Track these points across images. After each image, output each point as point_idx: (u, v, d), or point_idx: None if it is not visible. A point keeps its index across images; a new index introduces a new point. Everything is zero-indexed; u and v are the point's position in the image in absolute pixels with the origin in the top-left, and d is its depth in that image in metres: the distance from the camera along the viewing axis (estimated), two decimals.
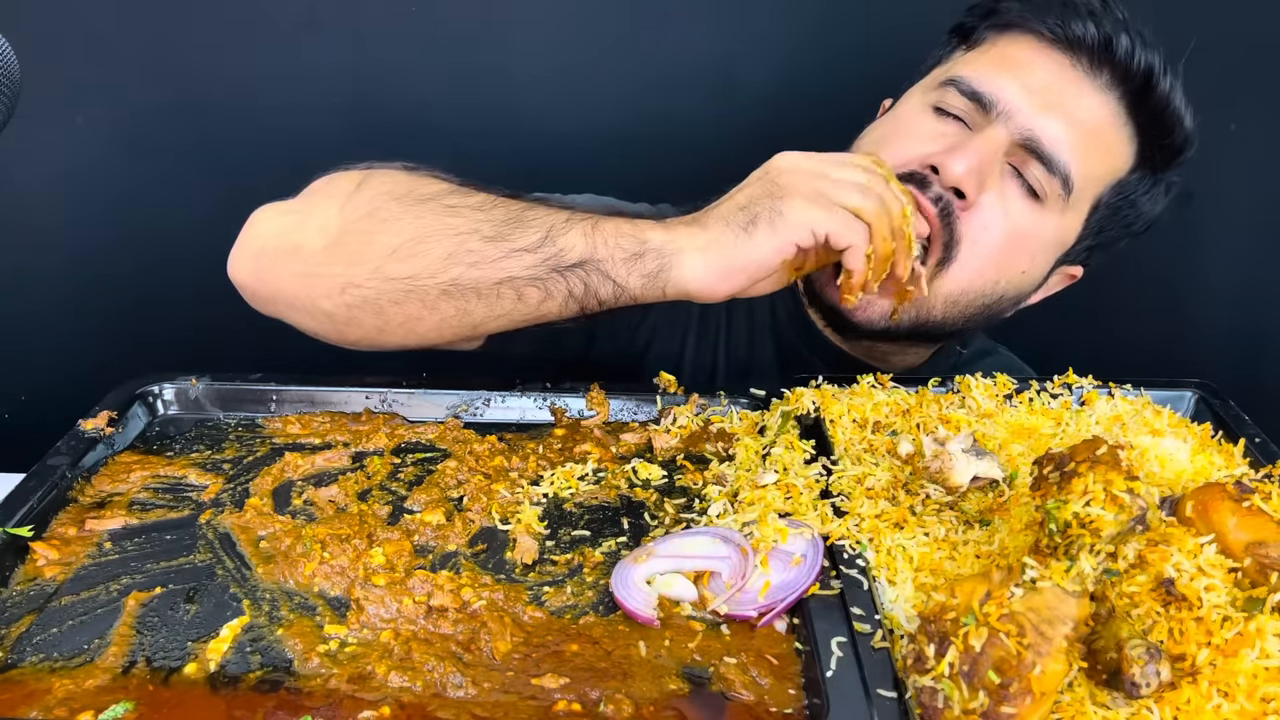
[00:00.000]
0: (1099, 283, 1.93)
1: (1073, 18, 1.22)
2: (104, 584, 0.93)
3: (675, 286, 1.07)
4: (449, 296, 1.09)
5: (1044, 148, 1.21)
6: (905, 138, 1.27)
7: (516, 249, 1.07)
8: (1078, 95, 1.23)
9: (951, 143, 1.23)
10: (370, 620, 0.88)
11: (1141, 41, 1.22)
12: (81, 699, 0.79)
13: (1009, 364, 1.59)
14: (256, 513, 1.02)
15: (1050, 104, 1.22)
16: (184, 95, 1.81)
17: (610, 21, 1.80)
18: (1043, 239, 1.29)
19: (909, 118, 1.30)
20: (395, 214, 1.11)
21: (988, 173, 1.22)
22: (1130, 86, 1.23)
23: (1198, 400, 1.23)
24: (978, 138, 1.22)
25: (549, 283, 1.07)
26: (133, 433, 1.18)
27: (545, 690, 0.81)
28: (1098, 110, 1.24)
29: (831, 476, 1.05)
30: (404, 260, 1.08)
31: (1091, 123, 1.24)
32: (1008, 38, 1.27)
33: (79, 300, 1.93)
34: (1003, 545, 0.93)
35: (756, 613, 0.89)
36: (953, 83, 1.25)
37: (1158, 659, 0.73)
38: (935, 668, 0.74)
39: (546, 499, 1.09)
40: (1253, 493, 0.83)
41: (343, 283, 1.11)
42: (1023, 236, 1.26)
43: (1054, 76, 1.23)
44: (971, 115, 1.24)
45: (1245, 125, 1.79)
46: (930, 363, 1.49)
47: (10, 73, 0.99)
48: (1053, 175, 1.22)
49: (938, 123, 1.27)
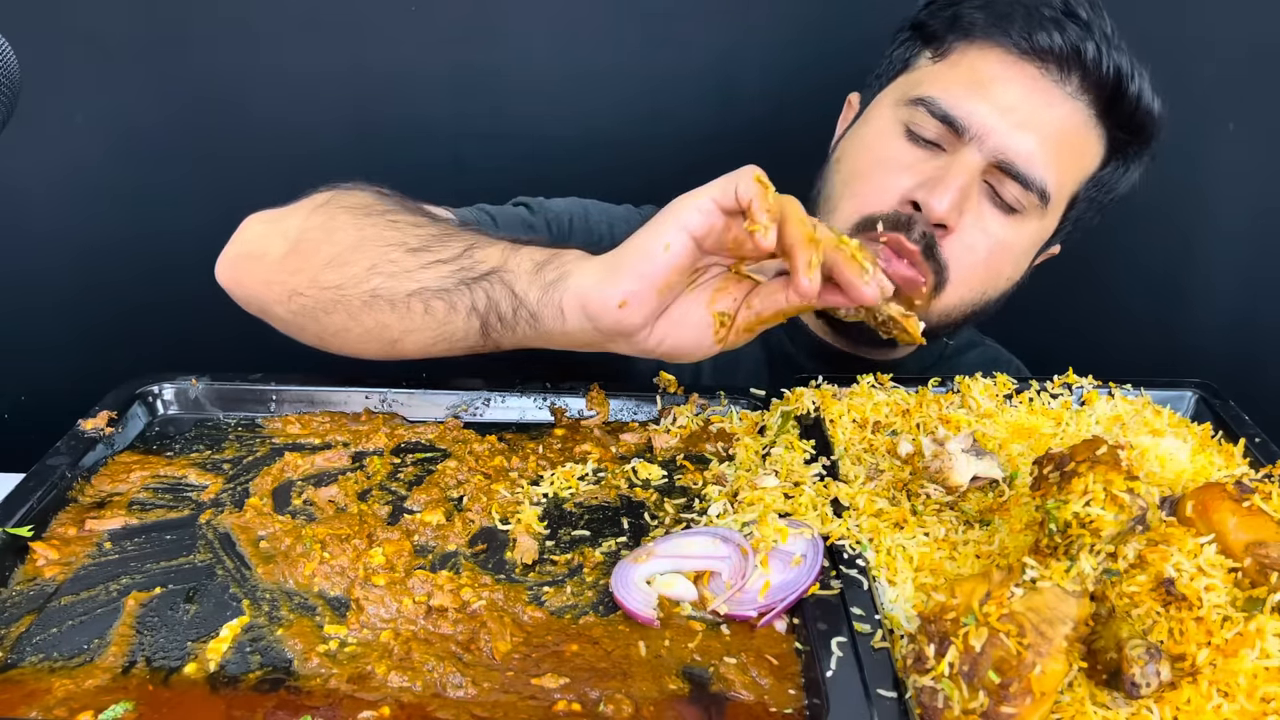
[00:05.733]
0: (1099, 283, 1.94)
1: (1038, 29, 1.21)
2: (104, 584, 0.93)
3: (571, 294, 0.99)
4: (369, 308, 1.07)
5: (1018, 168, 1.22)
6: (883, 172, 1.27)
7: (434, 260, 1.06)
8: (1048, 106, 1.23)
9: (929, 174, 1.23)
10: (370, 620, 0.88)
11: (1108, 44, 1.22)
12: (81, 699, 0.79)
13: (996, 356, 1.60)
14: (256, 513, 1.02)
15: (1022, 122, 1.22)
16: (184, 95, 1.81)
17: (608, 24, 1.80)
18: (1024, 246, 1.31)
19: (882, 143, 1.29)
20: (341, 225, 1.12)
21: (968, 198, 1.23)
22: (1100, 93, 1.24)
23: (1198, 400, 1.23)
24: (955, 166, 1.22)
25: (454, 295, 1.04)
26: (133, 433, 1.18)
27: (545, 690, 0.81)
28: (1069, 118, 1.24)
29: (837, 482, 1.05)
30: (336, 269, 1.09)
31: (1063, 132, 1.24)
32: (976, 50, 1.26)
33: (79, 300, 1.93)
34: (1003, 545, 0.94)
35: (756, 613, 0.89)
36: (923, 103, 1.25)
37: (1158, 659, 0.73)
38: (935, 668, 0.74)
39: (546, 499, 1.09)
40: (1253, 493, 0.83)
41: (290, 290, 1.13)
42: (1004, 249, 1.28)
43: (1025, 91, 1.22)
44: (944, 137, 1.25)
45: (1245, 125, 1.79)
46: (917, 355, 1.50)
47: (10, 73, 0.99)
48: (1029, 191, 1.23)
49: (911, 149, 1.26)
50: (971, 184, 1.23)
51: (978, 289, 1.30)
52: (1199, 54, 1.76)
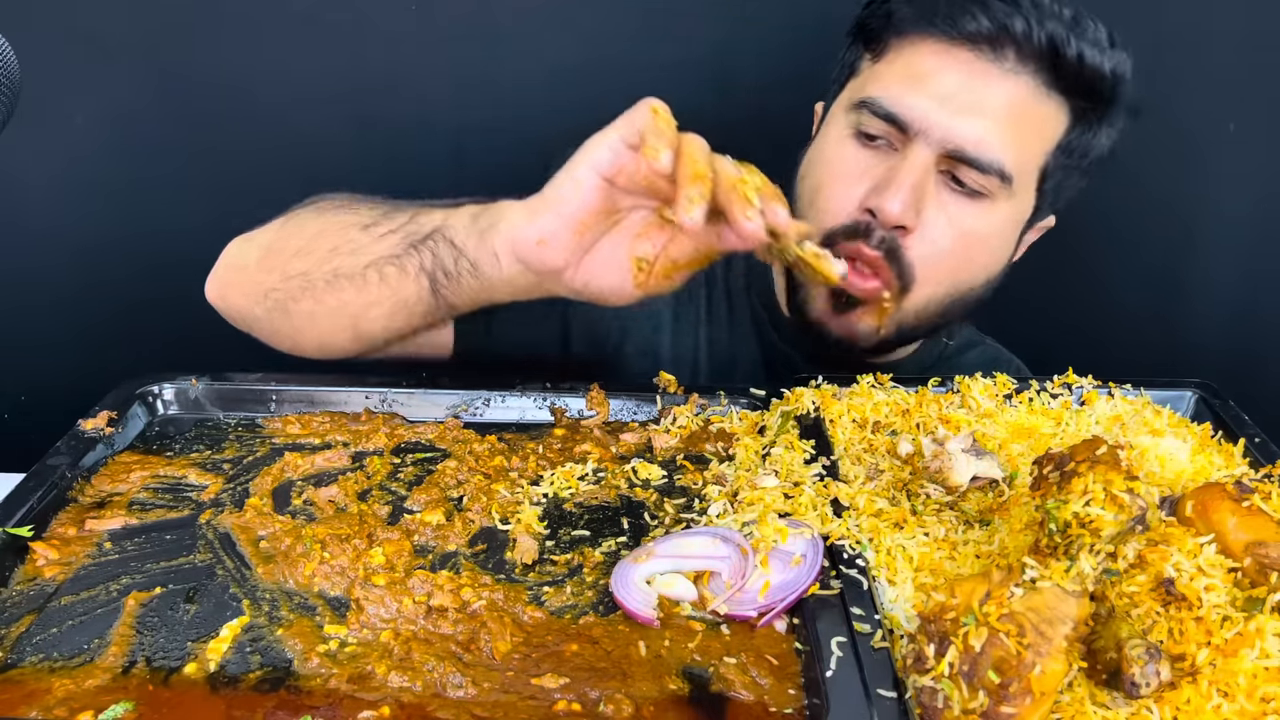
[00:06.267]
0: (1099, 283, 1.94)
1: (961, 14, 1.20)
2: (104, 584, 0.93)
3: (502, 238, 1.03)
4: (331, 288, 1.13)
5: (969, 153, 1.21)
6: (837, 181, 1.27)
7: (385, 231, 1.12)
8: (988, 87, 1.21)
9: (880, 177, 1.23)
10: (370, 620, 0.88)
11: (1039, 13, 1.19)
12: (81, 699, 0.79)
13: (997, 355, 1.59)
14: (256, 513, 1.02)
15: (964, 107, 1.21)
16: (184, 94, 1.81)
17: (608, 17, 1.80)
18: (995, 229, 1.29)
19: (835, 152, 1.29)
20: (307, 221, 1.19)
21: (923, 194, 1.22)
22: (1039, 64, 1.21)
23: (1198, 400, 1.23)
24: (904, 166, 1.21)
25: (404, 259, 1.09)
26: (133, 433, 1.18)
27: (545, 690, 0.81)
28: (1013, 94, 1.22)
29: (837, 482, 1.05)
30: (302, 257, 1.15)
31: (1011, 109, 1.22)
32: (909, 45, 1.25)
33: (79, 300, 1.93)
34: (1003, 545, 0.94)
35: (756, 613, 0.89)
36: (866, 104, 1.25)
37: (1158, 659, 0.73)
38: (935, 668, 0.74)
39: (546, 499, 1.09)
40: (1253, 493, 0.83)
41: (265, 289, 1.19)
42: (973, 237, 1.26)
43: (962, 76, 1.21)
44: (893, 136, 1.24)
45: (1245, 125, 1.79)
46: (916, 356, 1.49)
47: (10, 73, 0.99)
48: (987, 174, 1.22)
49: (862, 153, 1.26)
50: (925, 179, 1.22)
51: (948, 282, 1.28)
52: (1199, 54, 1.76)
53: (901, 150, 1.23)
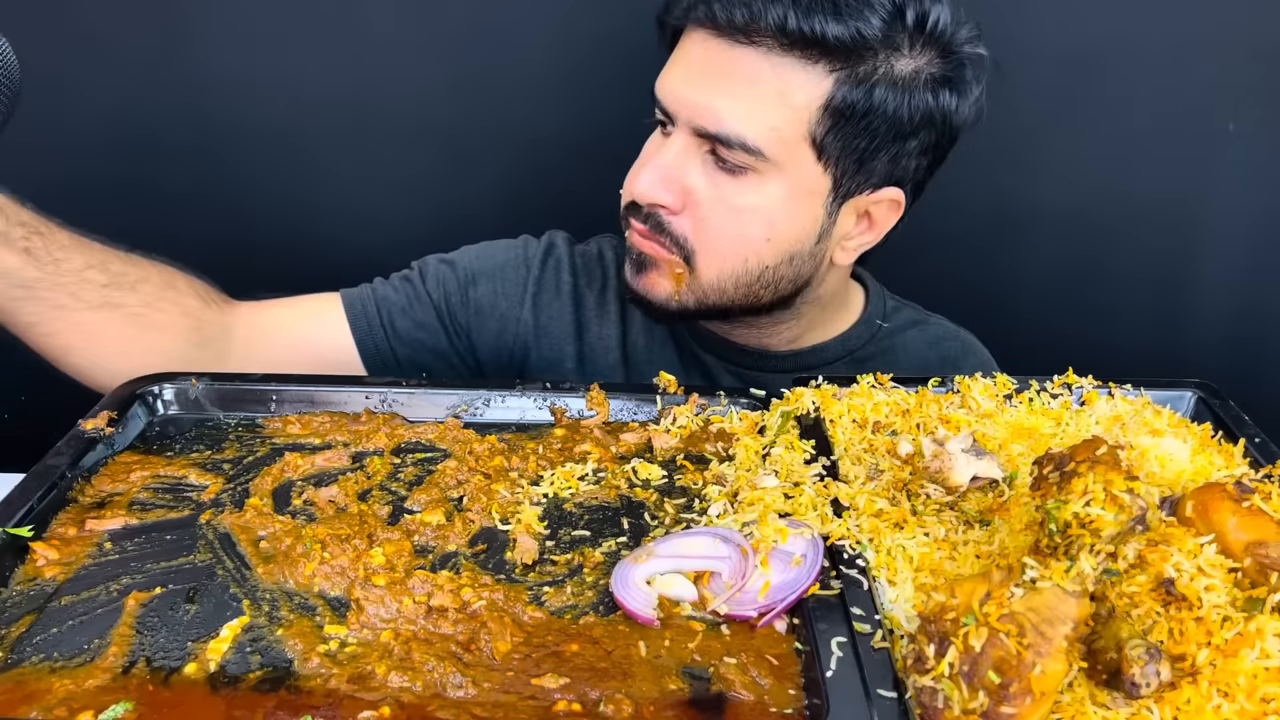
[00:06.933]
0: (1099, 283, 1.94)
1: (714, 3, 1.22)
2: (104, 584, 0.93)
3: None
4: None
5: (711, 129, 1.24)
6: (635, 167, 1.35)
7: None
8: (728, 63, 1.23)
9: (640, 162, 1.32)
10: (370, 620, 0.88)
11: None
12: (81, 699, 0.79)
13: (941, 333, 1.55)
14: (256, 513, 1.02)
15: (702, 86, 1.25)
16: (184, 94, 1.81)
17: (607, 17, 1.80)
18: (771, 204, 1.28)
19: (647, 141, 1.36)
20: None
21: (677, 173, 1.27)
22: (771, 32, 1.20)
23: (1198, 400, 1.23)
24: (662, 148, 1.29)
25: None
26: (133, 433, 1.18)
27: (545, 690, 0.81)
28: (750, 67, 1.22)
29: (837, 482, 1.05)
30: None
31: (746, 82, 1.22)
32: (686, 36, 1.30)
33: None
34: (1003, 545, 0.94)
35: (756, 613, 0.89)
36: (653, 97, 1.31)
37: (1158, 659, 0.73)
38: (935, 668, 0.74)
39: (546, 499, 1.09)
40: (1253, 493, 0.83)
41: None
42: (745, 211, 1.28)
43: (707, 59, 1.25)
44: (670, 122, 1.30)
45: (1244, 125, 1.79)
46: (842, 338, 1.49)
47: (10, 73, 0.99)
48: (733, 149, 1.24)
49: (655, 140, 1.34)
50: (683, 160, 1.27)
51: (738, 257, 1.31)
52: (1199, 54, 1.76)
53: None
